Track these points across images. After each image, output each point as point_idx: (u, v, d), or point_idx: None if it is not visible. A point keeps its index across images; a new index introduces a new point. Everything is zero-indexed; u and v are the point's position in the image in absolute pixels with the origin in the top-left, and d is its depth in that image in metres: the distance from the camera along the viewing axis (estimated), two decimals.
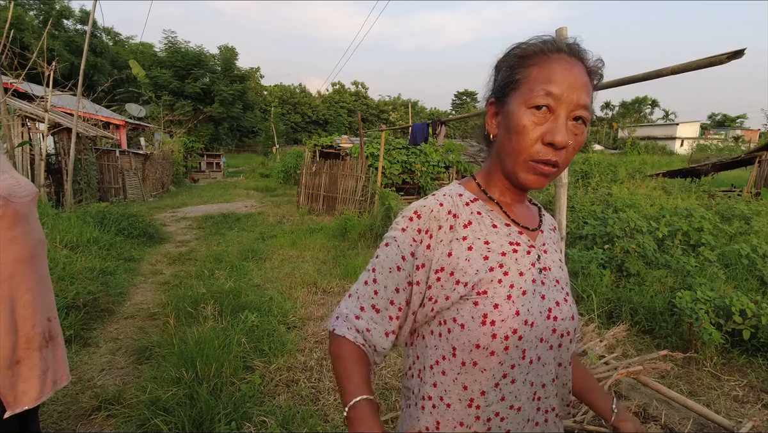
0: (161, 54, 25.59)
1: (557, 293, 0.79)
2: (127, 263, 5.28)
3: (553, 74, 0.70)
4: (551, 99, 0.69)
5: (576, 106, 0.70)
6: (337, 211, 9.15)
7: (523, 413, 0.75)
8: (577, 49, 0.74)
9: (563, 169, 0.74)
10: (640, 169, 15.63)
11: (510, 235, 0.79)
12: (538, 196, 7.78)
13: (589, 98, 0.72)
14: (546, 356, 0.76)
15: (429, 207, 0.77)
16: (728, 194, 10.19)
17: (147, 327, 3.53)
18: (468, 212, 0.78)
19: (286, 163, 17.52)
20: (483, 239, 0.76)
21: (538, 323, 0.74)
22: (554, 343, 0.77)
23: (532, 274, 0.77)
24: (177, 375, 2.57)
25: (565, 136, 0.69)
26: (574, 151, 0.73)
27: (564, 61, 0.71)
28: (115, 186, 11.06)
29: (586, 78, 0.72)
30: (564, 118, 0.70)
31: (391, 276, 0.77)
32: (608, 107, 61.73)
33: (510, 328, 0.70)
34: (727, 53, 1.71)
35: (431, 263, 0.75)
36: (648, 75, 2.16)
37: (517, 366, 0.73)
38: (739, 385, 2.86)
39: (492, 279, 0.72)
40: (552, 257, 0.83)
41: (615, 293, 3.98)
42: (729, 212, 6.24)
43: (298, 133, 49.61)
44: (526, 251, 0.78)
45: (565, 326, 0.78)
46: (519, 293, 0.73)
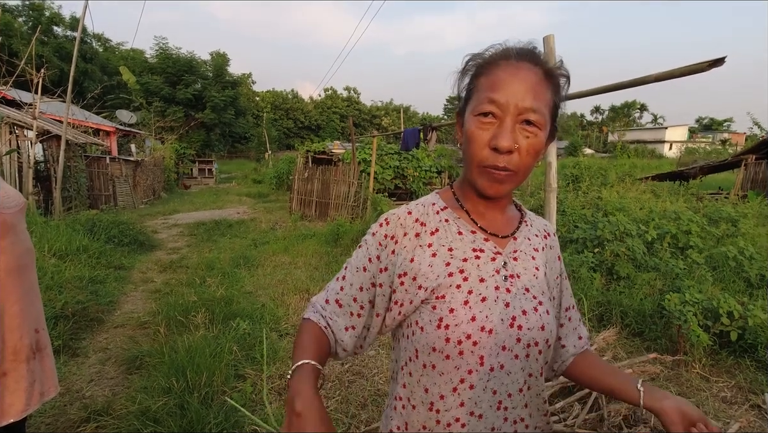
0: (152, 60, 25.52)
1: (526, 302, 0.77)
2: (118, 272, 5.23)
3: (497, 81, 0.71)
4: (494, 106, 0.70)
5: (522, 110, 0.70)
6: (330, 217, 9.14)
7: (486, 421, 0.75)
8: (526, 53, 0.74)
9: (522, 174, 0.73)
10: (630, 172, 15.81)
11: (474, 242, 0.79)
12: (530, 201, 7.84)
13: (540, 100, 0.71)
14: (511, 365, 0.75)
15: (397, 215, 0.82)
16: (716, 197, 10.35)
17: (137, 336, 3.49)
18: (437, 220, 0.81)
19: (279, 169, 17.47)
20: (447, 246, 0.78)
21: (498, 330, 0.73)
22: (520, 352, 0.75)
23: (496, 281, 0.76)
24: (167, 385, 2.54)
25: (508, 140, 0.69)
26: (529, 154, 0.72)
27: (511, 67, 0.72)
28: (105, 193, 10.95)
29: (535, 79, 0.71)
30: (510, 122, 0.70)
31: (357, 275, 0.82)
32: (598, 111, 62.49)
33: (463, 333, 0.72)
34: (708, 61, 1.75)
35: (394, 267, 0.79)
36: (633, 82, 2.21)
37: (475, 372, 0.73)
38: (728, 386, 2.89)
39: (451, 284, 0.75)
40: (525, 264, 0.81)
41: (605, 297, 4.02)
42: (716, 215, 6.33)
43: (290, 138, 49.57)
44: (490, 257, 0.78)
45: (532, 336, 0.76)
46: (477, 299, 0.74)
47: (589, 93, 2.54)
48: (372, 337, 0.86)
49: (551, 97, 0.73)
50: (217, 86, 26.37)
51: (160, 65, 24.83)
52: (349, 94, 59.89)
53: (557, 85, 0.75)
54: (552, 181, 2.77)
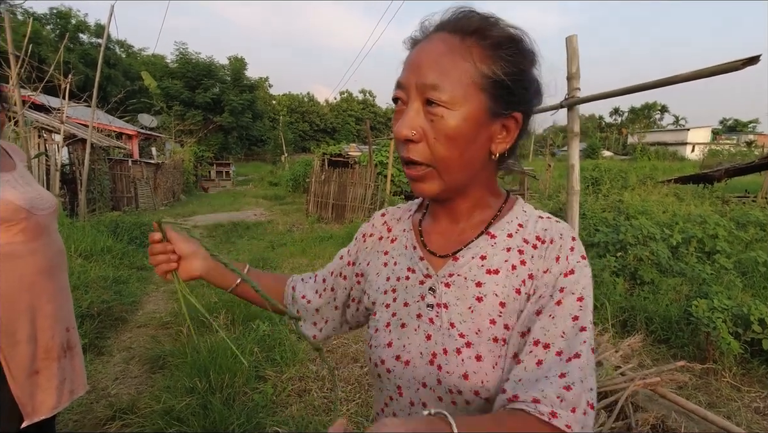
0: (173, 65, 26.12)
1: (448, 340, 0.61)
2: (140, 272, 5.33)
3: (406, 63, 0.61)
4: (399, 90, 0.61)
5: (423, 88, 0.57)
6: (347, 219, 9.17)
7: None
8: (446, 22, 0.61)
9: (443, 167, 0.59)
10: (651, 175, 15.47)
11: (411, 259, 0.70)
12: (548, 204, 7.73)
13: (448, 73, 0.56)
14: (435, 405, 0.61)
15: (375, 216, 0.82)
16: (742, 200, 10.04)
17: (160, 336, 3.55)
18: (400, 228, 0.76)
19: (295, 171, 17.63)
20: (395, 259, 0.73)
21: (416, 364, 0.63)
22: (444, 396, 0.61)
23: (419, 308, 0.66)
24: (190, 385, 2.57)
25: (403, 126, 0.58)
26: (438, 141, 0.58)
27: (422, 43, 0.61)
28: (127, 195, 11.21)
29: (444, 49, 0.57)
30: (415, 107, 0.58)
31: (335, 261, 0.84)
32: (617, 113, 61.39)
33: (379, 357, 0.67)
34: (742, 60, 1.69)
35: (357, 264, 0.79)
36: (661, 82, 2.15)
37: (395, 401, 0.66)
38: (760, 396, 2.79)
39: (383, 302, 0.71)
40: (459, 292, 0.63)
41: (629, 302, 3.93)
42: (744, 219, 6.15)
43: (306, 141, 49.96)
44: (419, 280, 0.67)
45: (454, 382, 0.59)
46: (398, 324, 0.67)
47: (615, 94, 2.49)
48: (329, 329, 0.85)
49: (474, 67, 0.57)
50: (235, 90, 26.77)
51: (180, 70, 25.36)
52: (364, 97, 60.14)
53: (492, 49, 0.58)
54: (575, 183, 2.72)
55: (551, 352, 0.56)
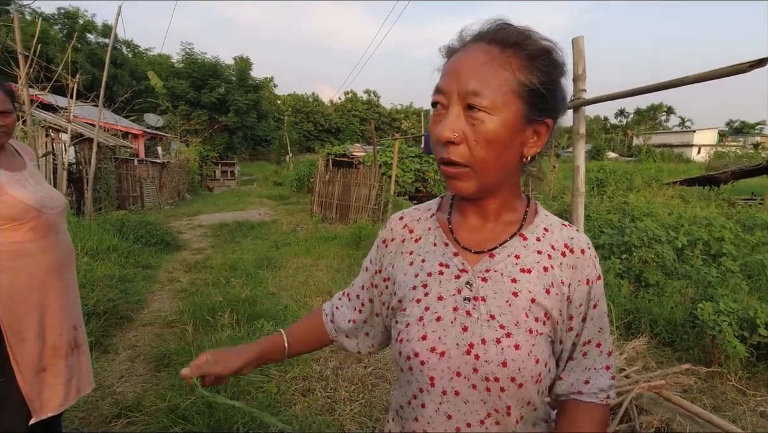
0: (178, 65, 26.26)
1: (488, 330, 0.67)
2: (145, 271, 5.37)
3: (446, 68, 0.66)
4: (440, 95, 0.65)
5: (464, 94, 0.62)
6: (351, 219, 9.18)
7: None
8: (484, 33, 0.66)
9: (480, 169, 0.64)
10: (657, 177, 15.39)
11: (444, 255, 0.73)
12: (552, 205, 7.71)
13: (488, 81, 0.61)
14: (468, 394, 0.66)
15: (392, 219, 0.84)
16: (749, 203, 9.96)
17: (165, 335, 3.57)
18: (423, 228, 0.79)
19: (299, 171, 17.66)
20: (422, 256, 0.76)
21: (452, 354, 0.67)
22: (478, 384, 0.66)
23: (455, 301, 0.69)
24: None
25: (445, 129, 0.62)
26: (479, 144, 0.62)
27: (462, 52, 0.66)
28: (133, 194, 11.28)
29: (485, 59, 0.62)
30: (456, 111, 0.63)
31: (362, 274, 0.87)
32: (623, 114, 61.09)
33: (412, 350, 0.69)
34: (749, 62, 1.68)
35: (383, 270, 0.81)
36: (669, 84, 2.14)
37: (426, 392, 0.69)
38: (766, 400, 2.77)
39: (413, 298, 0.73)
40: (497, 287, 0.69)
41: (634, 304, 3.91)
42: (750, 221, 6.10)
43: (310, 141, 50.07)
44: (454, 274, 0.71)
45: (491, 370, 0.65)
46: (433, 318, 0.70)
47: (621, 95, 2.48)
48: (379, 338, 0.89)
49: (513, 76, 0.62)
50: (240, 90, 26.88)
51: (185, 70, 25.49)
52: (369, 98, 60.20)
53: (529, 60, 0.63)
54: (580, 185, 2.71)
55: (594, 348, 0.73)
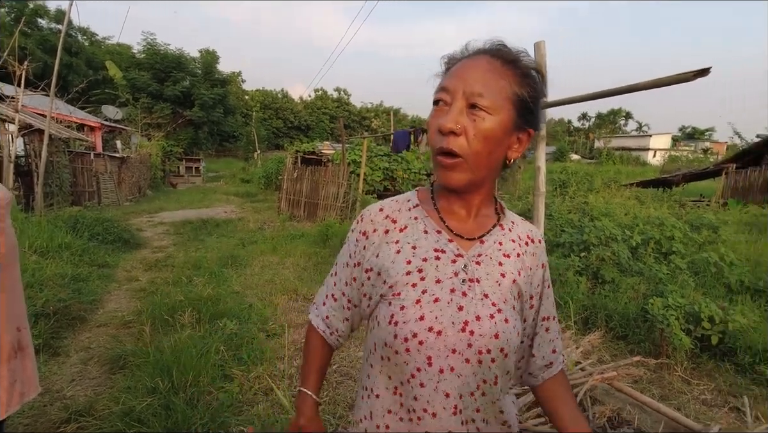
0: (140, 56, 25.06)
1: (482, 308, 0.75)
2: (101, 269, 5.13)
3: (451, 73, 0.75)
4: (444, 93, 0.73)
5: (469, 94, 0.71)
6: (319, 217, 9.11)
7: (440, 421, 0.74)
8: (488, 48, 0.76)
9: (473, 161, 0.72)
10: (615, 178, 16.11)
11: (438, 241, 0.79)
12: (518, 204, 7.92)
13: (491, 86, 0.71)
14: (462, 368, 0.73)
15: (370, 211, 0.85)
16: (697, 204, 10.59)
17: (121, 336, 3.43)
18: (407, 217, 0.83)
19: (267, 168, 17.36)
20: (412, 244, 0.80)
21: (448, 333, 0.73)
22: (471, 358, 0.73)
23: (452, 283, 0.76)
24: (152, 385, 2.50)
25: (449, 121, 0.70)
26: (476, 138, 0.71)
27: (466, 60, 0.75)
28: (89, 190, 10.75)
29: (488, 68, 0.72)
30: (459, 107, 0.71)
31: (344, 270, 0.87)
32: (585, 118, 63.45)
33: (410, 331, 0.73)
34: (693, 71, 1.79)
35: (364, 262, 0.83)
36: (623, 89, 2.25)
37: (424, 371, 0.73)
38: (708, 389, 2.96)
39: (407, 282, 0.76)
40: (488, 269, 0.79)
41: (591, 300, 4.07)
42: (698, 222, 6.48)
43: (279, 138, 49.20)
44: (451, 259, 0.77)
45: (485, 343, 0.73)
46: (430, 299, 0.74)
47: (580, 99, 2.58)
48: (356, 325, 0.93)
49: (509, 86, 0.72)
50: (206, 84, 26.02)
51: (147, 61, 24.39)
52: (339, 95, 59.76)
53: (522, 77, 0.74)
54: (540, 185, 2.80)
55: (552, 322, 0.90)
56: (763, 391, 2.89)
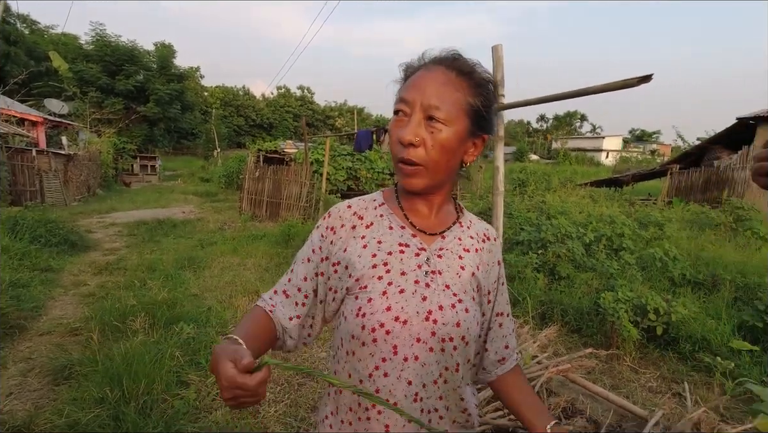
0: (88, 47, 23.64)
1: (444, 298, 0.79)
2: (44, 274, 4.81)
3: (409, 84, 0.79)
4: (404, 105, 0.77)
5: (427, 107, 0.75)
6: (281, 217, 8.95)
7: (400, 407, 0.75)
8: (443, 58, 0.80)
9: (432, 169, 0.77)
10: (571, 178, 16.81)
11: (402, 236, 0.83)
12: (479, 203, 8.10)
13: (447, 99, 0.75)
14: (426, 357, 0.77)
15: (338, 208, 0.88)
16: (645, 202, 11.24)
17: (66, 344, 3.22)
18: (373, 215, 0.87)
19: (228, 167, 16.86)
20: (377, 239, 0.83)
21: (413, 322, 0.76)
22: (435, 346, 0.77)
23: (416, 275, 0.80)
24: (100, 395, 2.37)
25: (408, 133, 0.74)
26: (434, 148, 0.75)
27: (423, 70, 0.79)
28: (30, 189, 10.04)
29: (444, 80, 0.76)
30: (417, 118, 0.75)
31: (303, 266, 0.87)
32: (543, 119, 65.81)
33: (378, 321, 0.76)
34: (637, 77, 1.89)
35: (332, 256, 0.84)
36: (574, 93, 2.33)
37: (389, 360, 0.76)
38: (654, 377, 3.14)
39: (373, 275, 0.79)
40: (449, 262, 0.83)
41: (548, 296, 4.23)
42: (646, 219, 6.87)
43: (241, 136, 47.92)
44: (414, 252, 0.82)
45: (447, 331, 0.78)
46: (396, 291, 0.78)
47: (535, 102, 2.66)
48: (318, 326, 0.89)
49: (464, 97, 0.77)
50: (161, 79, 24.92)
51: (96, 53, 23.04)
52: (302, 94, 58.93)
53: (476, 87, 0.78)
54: (499, 184, 2.87)
55: (506, 318, 0.94)
56: (702, 377, 3.10)
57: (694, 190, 11.89)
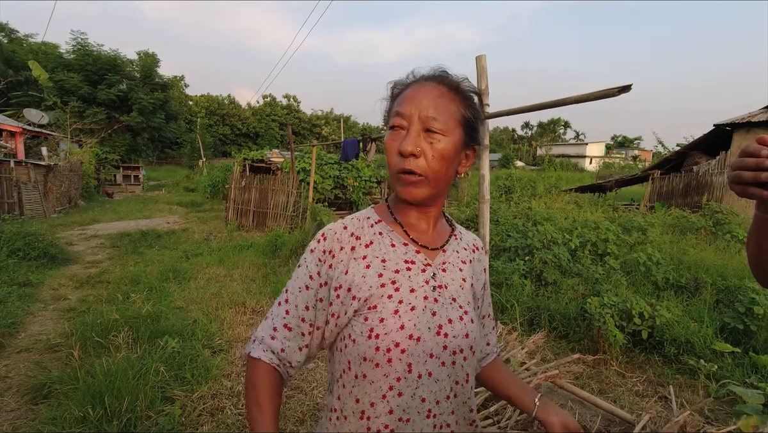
0: (69, 56, 23.24)
1: (452, 311, 0.82)
2: (23, 289, 4.68)
3: (404, 99, 0.80)
4: (401, 118, 0.79)
5: (424, 119, 0.77)
6: (268, 227, 8.88)
7: (414, 425, 0.77)
8: (432, 75, 0.83)
9: (433, 178, 0.78)
10: (556, 184, 17.01)
11: (407, 253, 0.83)
12: (465, 211, 8.15)
13: (442, 111, 0.77)
14: (438, 372, 0.78)
15: (334, 230, 0.85)
16: (628, 208, 11.44)
17: (46, 361, 3.13)
18: (371, 233, 0.85)
19: (214, 177, 16.70)
20: (381, 258, 0.82)
21: (425, 338, 0.77)
22: (446, 360, 0.79)
23: (425, 291, 0.81)
24: (81, 414, 2.30)
25: (410, 144, 0.76)
26: (434, 158, 0.77)
27: (416, 86, 0.81)
28: (8, 201, 9.80)
29: (437, 93, 0.79)
30: (416, 131, 0.77)
31: (301, 295, 0.83)
32: (528, 127, 66.84)
33: (393, 341, 0.75)
34: (617, 87, 1.94)
35: (332, 281, 0.81)
36: (556, 102, 2.38)
37: (403, 379, 0.76)
38: (640, 380, 3.17)
39: (382, 295, 0.78)
40: (453, 275, 0.86)
41: (535, 302, 4.25)
42: (629, 224, 6.99)
43: (227, 145, 47.62)
44: (421, 268, 0.83)
45: (458, 343, 0.80)
46: (407, 309, 0.78)
47: (517, 111, 2.71)
48: (314, 351, 0.86)
49: (457, 109, 0.80)
50: (145, 88, 24.62)
51: (78, 62, 22.65)
52: (288, 102, 58.85)
53: (466, 100, 0.82)
54: (485, 192, 2.90)
55: (488, 319, 1.01)
56: (687, 379, 3.15)
57: (675, 195, 12.15)
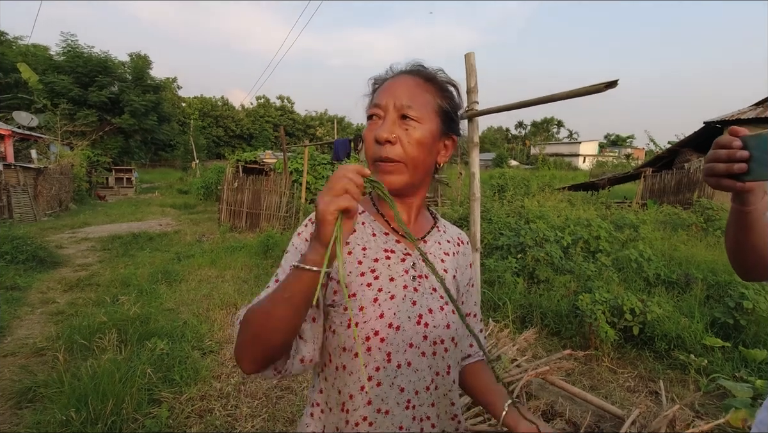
0: (59, 58, 22.98)
1: (432, 301, 0.81)
2: (10, 292, 4.62)
3: (380, 91, 0.83)
4: (377, 108, 0.80)
5: (399, 107, 0.78)
6: (261, 228, 8.83)
7: (393, 417, 0.76)
8: (409, 69, 0.86)
9: (410, 165, 0.78)
10: (550, 183, 17.08)
11: (387, 243, 0.83)
12: (459, 209, 8.15)
13: (417, 99, 0.79)
14: (418, 362, 0.78)
15: None
16: (621, 205, 11.50)
17: (31, 365, 3.08)
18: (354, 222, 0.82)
19: (207, 178, 16.60)
20: (362, 246, 0.82)
21: (405, 327, 0.76)
22: (427, 350, 0.78)
23: (404, 280, 0.81)
24: (65, 417, 2.26)
25: (385, 131, 0.77)
26: (410, 144, 0.78)
27: (393, 79, 0.83)
28: None
29: (413, 83, 0.80)
30: (391, 119, 0.78)
31: None
32: (521, 126, 67.08)
33: (372, 329, 0.74)
34: (604, 83, 1.93)
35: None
36: (544, 99, 2.37)
37: (383, 369, 0.75)
38: (631, 376, 3.18)
39: (362, 283, 0.78)
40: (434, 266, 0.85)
41: (527, 299, 4.26)
42: (621, 221, 7.02)
43: (220, 147, 47.37)
44: (400, 258, 0.83)
45: (438, 333, 0.80)
46: (387, 297, 0.77)
47: (506, 108, 2.70)
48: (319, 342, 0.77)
49: (433, 98, 0.81)
50: (137, 90, 24.38)
51: (68, 64, 22.38)
52: (282, 103, 58.71)
53: (442, 90, 0.83)
54: (476, 190, 2.89)
55: (474, 319, 0.98)
56: (677, 374, 3.15)
57: (666, 192, 12.23)
